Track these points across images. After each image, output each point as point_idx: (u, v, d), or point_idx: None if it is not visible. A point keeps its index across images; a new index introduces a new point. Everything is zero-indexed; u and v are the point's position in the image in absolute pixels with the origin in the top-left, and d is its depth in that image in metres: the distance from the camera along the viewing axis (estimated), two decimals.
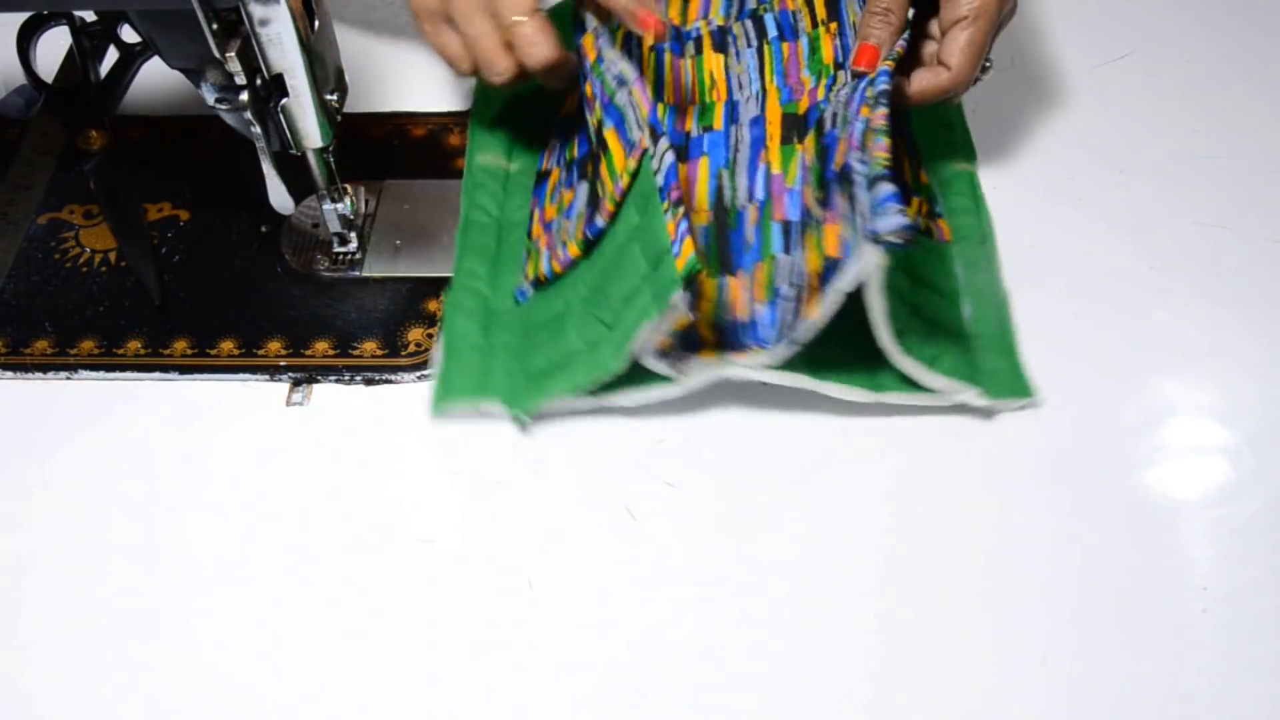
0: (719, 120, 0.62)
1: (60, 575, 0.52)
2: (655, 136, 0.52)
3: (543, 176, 0.64)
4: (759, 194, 0.58)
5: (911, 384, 0.53)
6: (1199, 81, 0.68)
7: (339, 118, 0.56)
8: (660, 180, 0.51)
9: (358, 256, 0.62)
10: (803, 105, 0.61)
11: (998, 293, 0.58)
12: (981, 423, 0.55)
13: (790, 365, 0.52)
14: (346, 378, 0.58)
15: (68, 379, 0.58)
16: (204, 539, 0.53)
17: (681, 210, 0.49)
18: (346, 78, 0.57)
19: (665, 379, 0.53)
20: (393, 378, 0.58)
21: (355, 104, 0.66)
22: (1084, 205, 0.63)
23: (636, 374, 0.53)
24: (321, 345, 0.59)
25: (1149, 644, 0.48)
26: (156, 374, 0.58)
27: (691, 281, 0.48)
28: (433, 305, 0.60)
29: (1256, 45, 0.70)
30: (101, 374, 0.58)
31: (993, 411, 0.55)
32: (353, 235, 0.62)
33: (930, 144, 0.64)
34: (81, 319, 0.60)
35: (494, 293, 0.60)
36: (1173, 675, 0.48)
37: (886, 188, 0.47)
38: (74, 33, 0.69)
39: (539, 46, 0.55)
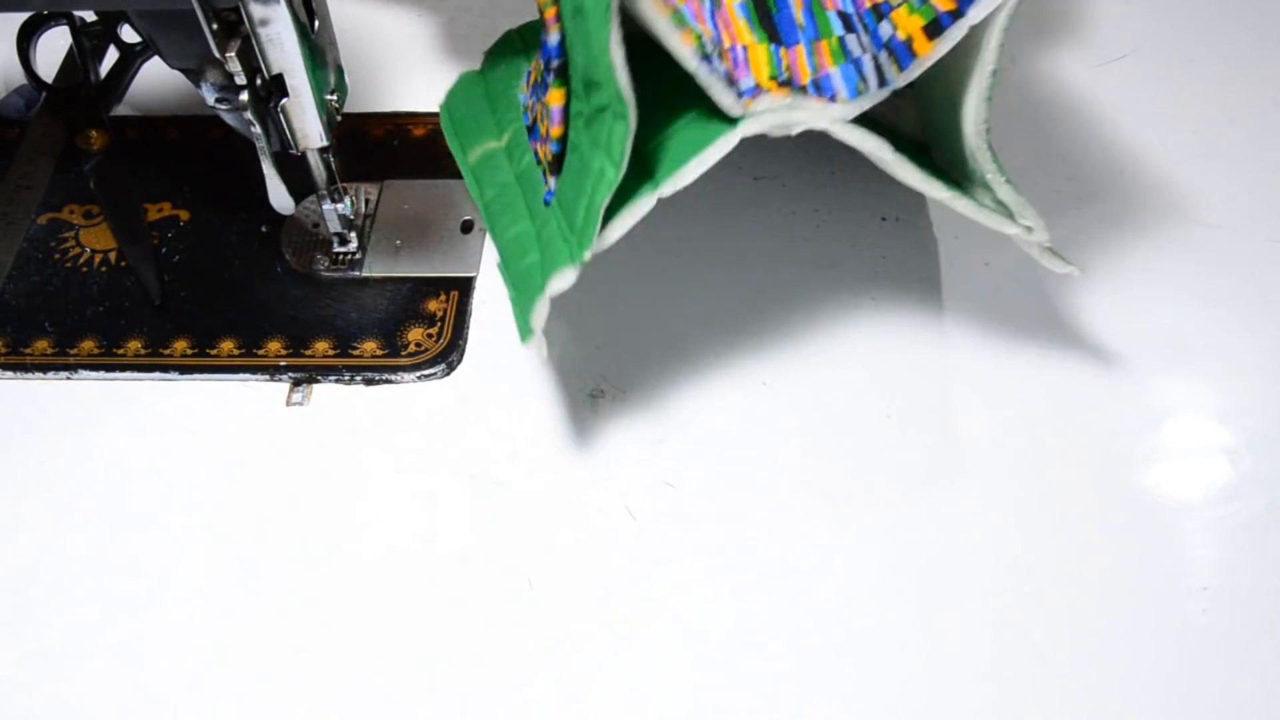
0: None
1: (60, 575, 0.52)
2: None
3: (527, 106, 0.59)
4: None
5: (981, 200, 0.50)
6: (1199, 81, 0.68)
7: (339, 118, 0.56)
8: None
9: (358, 256, 0.62)
10: None
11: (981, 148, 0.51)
12: (982, 423, 0.55)
13: (875, 128, 0.47)
14: (346, 378, 0.58)
15: (68, 379, 0.58)
16: (204, 539, 0.53)
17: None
18: (346, 78, 0.57)
19: (724, 125, 0.46)
20: (393, 378, 0.58)
21: (355, 104, 0.66)
22: (1084, 205, 0.63)
23: (687, 142, 0.47)
24: (321, 345, 0.59)
25: (1149, 644, 0.48)
26: (156, 374, 0.58)
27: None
28: (433, 305, 0.60)
29: (1256, 45, 0.70)
30: (101, 374, 0.58)
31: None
32: (353, 235, 0.62)
33: None
34: (81, 319, 0.60)
35: (539, 233, 0.54)
36: (1173, 675, 0.48)
37: None
38: (74, 33, 0.69)
39: None
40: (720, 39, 0.48)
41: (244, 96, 0.51)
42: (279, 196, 0.56)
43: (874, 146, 0.48)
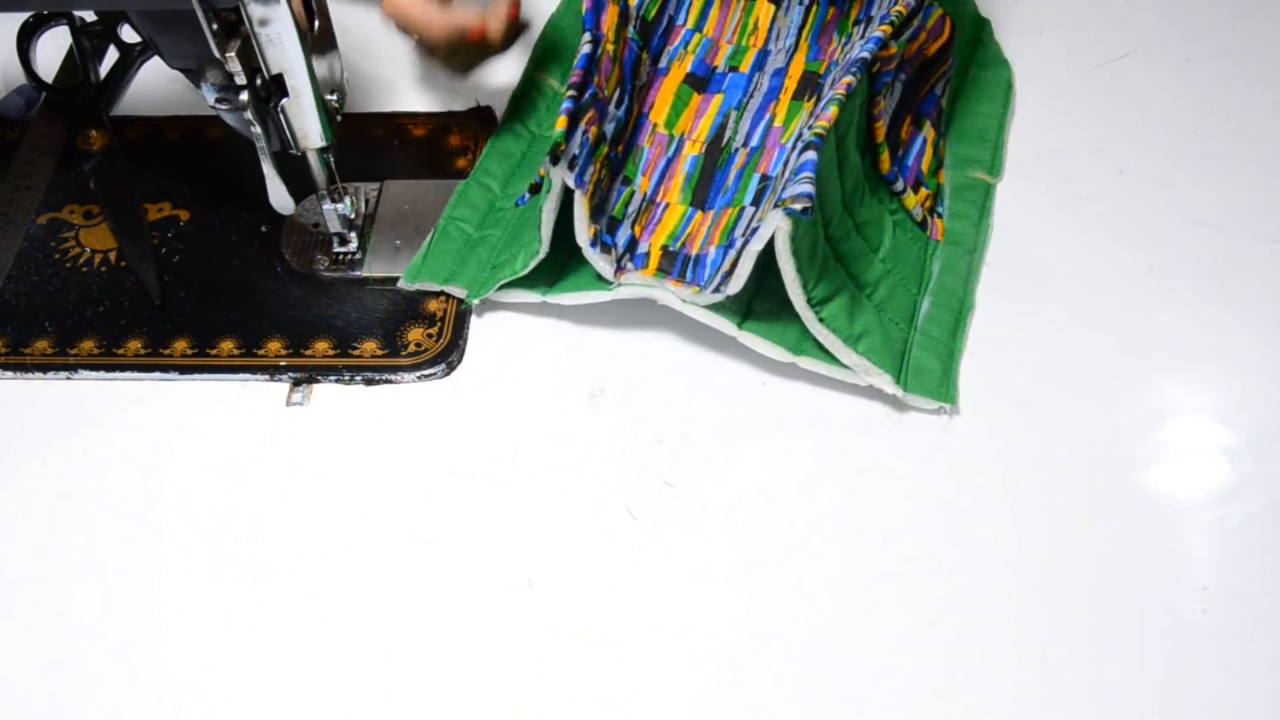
0: (746, 65, 0.65)
1: (60, 575, 0.52)
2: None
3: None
4: (754, 141, 0.61)
5: (830, 356, 0.55)
6: (1199, 81, 0.68)
7: (339, 118, 0.56)
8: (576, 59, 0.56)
9: (358, 256, 0.62)
10: (823, 66, 0.63)
11: (964, 302, 0.59)
12: (982, 422, 0.55)
13: (718, 309, 0.54)
14: (346, 378, 0.58)
15: (68, 379, 0.58)
16: (204, 539, 0.53)
17: (571, 93, 0.54)
18: (346, 78, 0.57)
19: (603, 284, 0.56)
20: (393, 378, 0.58)
21: (355, 104, 0.66)
22: (1084, 205, 0.63)
23: (580, 278, 0.57)
24: (321, 345, 0.59)
25: (1149, 644, 0.48)
26: (156, 374, 0.58)
27: (557, 157, 0.52)
28: (433, 305, 0.60)
29: (1256, 45, 0.70)
30: (101, 374, 0.58)
31: (904, 405, 0.55)
32: (353, 235, 0.62)
33: (960, 148, 0.65)
34: (81, 319, 0.60)
35: (502, 194, 0.64)
36: (1173, 675, 0.48)
37: (808, 155, 0.51)
38: (74, 33, 0.69)
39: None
40: (655, 195, 0.60)
41: (244, 96, 0.51)
42: (279, 196, 0.56)
43: (714, 322, 0.55)
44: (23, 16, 0.69)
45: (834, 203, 0.56)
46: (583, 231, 0.54)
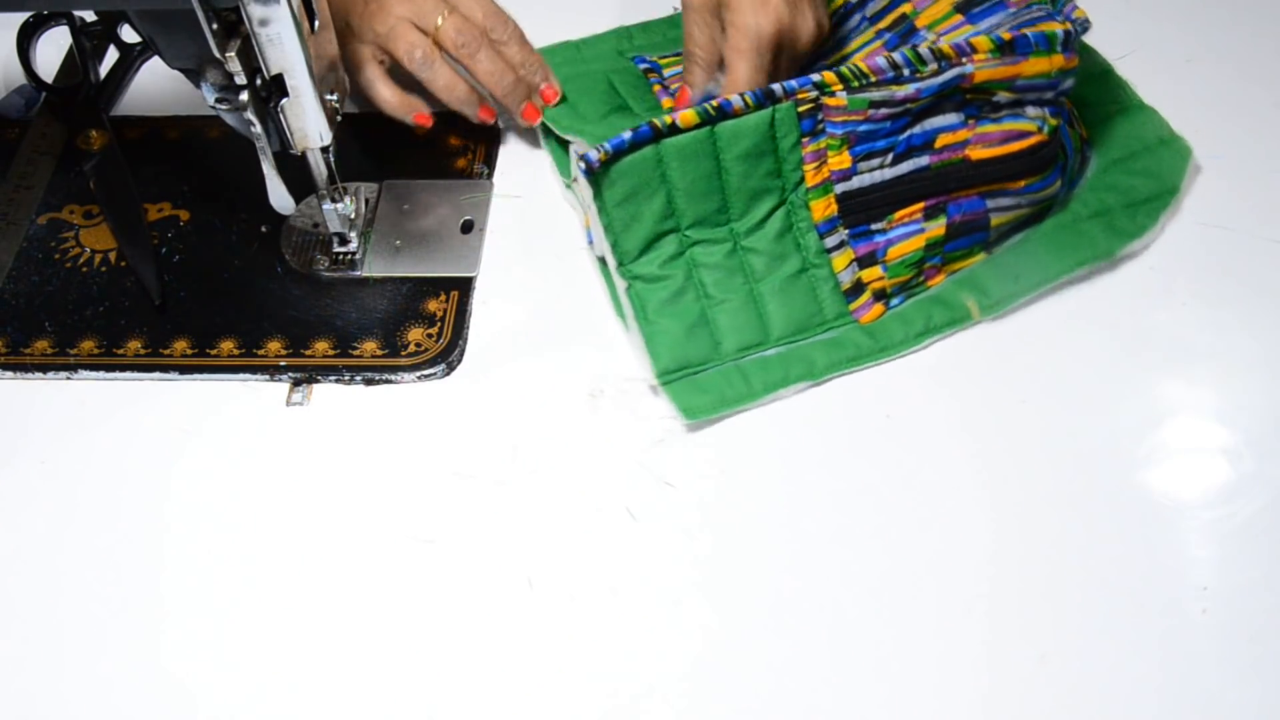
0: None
1: (60, 575, 0.52)
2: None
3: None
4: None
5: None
6: (1199, 81, 0.68)
7: (339, 118, 0.56)
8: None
9: (358, 256, 0.62)
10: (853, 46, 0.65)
11: (794, 376, 0.56)
12: (983, 422, 0.55)
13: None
14: (346, 378, 0.58)
15: (68, 379, 0.58)
16: (204, 539, 0.53)
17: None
18: (346, 78, 0.57)
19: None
20: (393, 378, 0.58)
21: (355, 104, 0.66)
22: None
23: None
24: (321, 345, 0.59)
25: (1149, 644, 0.48)
26: (156, 374, 0.58)
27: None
28: (433, 305, 0.60)
29: (1256, 45, 0.70)
30: (101, 374, 0.58)
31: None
32: (353, 235, 0.62)
33: (980, 273, 0.59)
34: (81, 319, 0.60)
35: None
36: (1173, 675, 0.48)
37: (628, 132, 0.54)
38: (74, 33, 0.69)
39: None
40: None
41: (244, 96, 0.51)
42: (279, 196, 0.56)
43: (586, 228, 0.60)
44: (23, 16, 0.69)
45: (697, 202, 0.56)
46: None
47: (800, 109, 0.56)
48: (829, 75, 0.55)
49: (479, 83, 0.63)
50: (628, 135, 0.54)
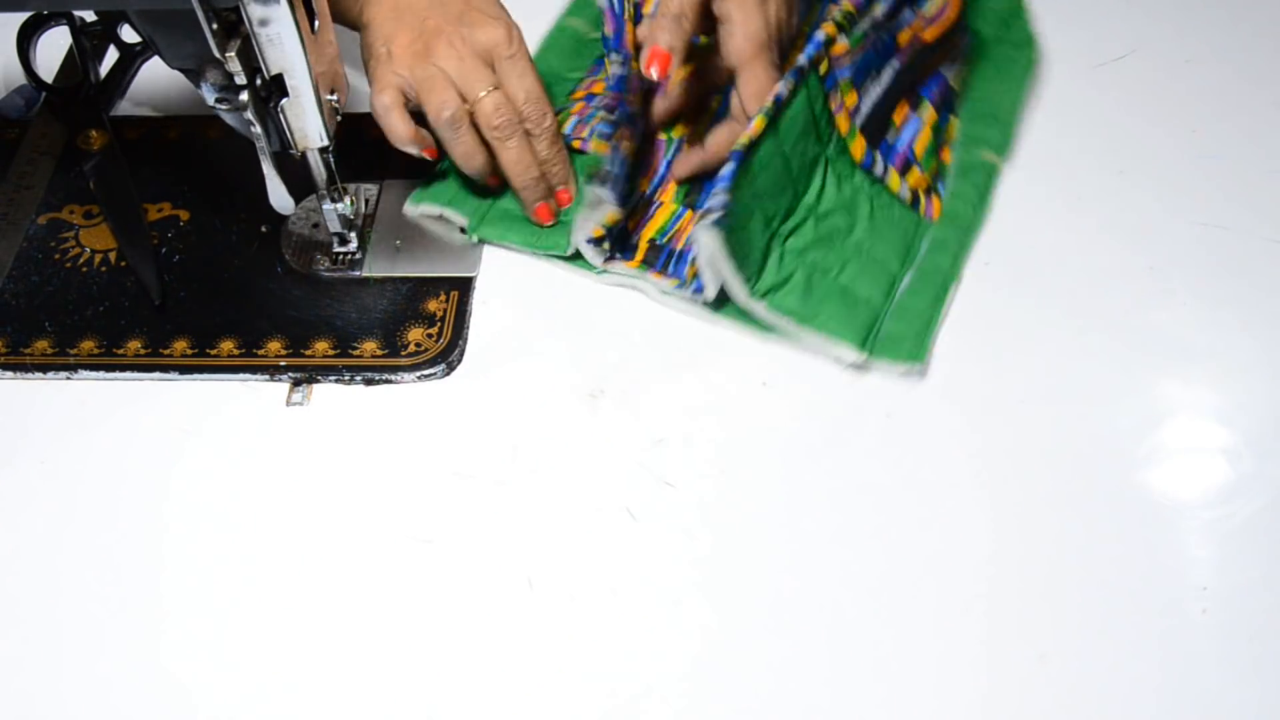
0: None
1: (60, 575, 0.52)
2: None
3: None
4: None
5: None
6: (1199, 81, 0.68)
7: (339, 118, 0.56)
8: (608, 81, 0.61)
9: (358, 256, 0.62)
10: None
11: (949, 274, 0.60)
12: (983, 421, 0.55)
13: (693, 300, 0.59)
14: (346, 378, 0.58)
15: (68, 379, 0.58)
16: (204, 539, 0.53)
17: (601, 115, 0.60)
18: (347, 78, 0.57)
19: (590, 267, 0.61)
20: (393, 378, 0.58)
21: (355, 104, 0.66)
22: (1084, 205, 0.63)
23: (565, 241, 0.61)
24: (321, 345, 0.59)
25: (1149, 644, 0.48)
26: (156, 374, 0.58)
27: (602, 179, 0.57)
28: (433, 305, 0.60)
29: (1256, 45, 0.70)
30: (101, 374, 0.58)
31: (866, 368, 0.57)
32: (353, 235, 0.62)
33: (972, 128, 0.66)
34: (81, 319, 0.60)
35: None
36: (1173, 675, 0.48)
37: (726, 168, 0.55)
38: (74, 33, 0.69)
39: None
40: (652, 193, 0.63)
41: (244, 96, 0.51)
42: (279, 196, 0.56)
43: (696, 312, 0.59)
44: (23, 16, 0.69)
45: (780, 199, 0.59)
46: (588, 231, 0.59)
47: (821, 71, 0.58)
48: (829, 28, 0.59)
49: (500, 165, 0.61)
50: (728, 171, 0.55)
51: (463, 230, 0.62)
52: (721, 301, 0.58)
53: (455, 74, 0.60)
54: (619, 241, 0.60)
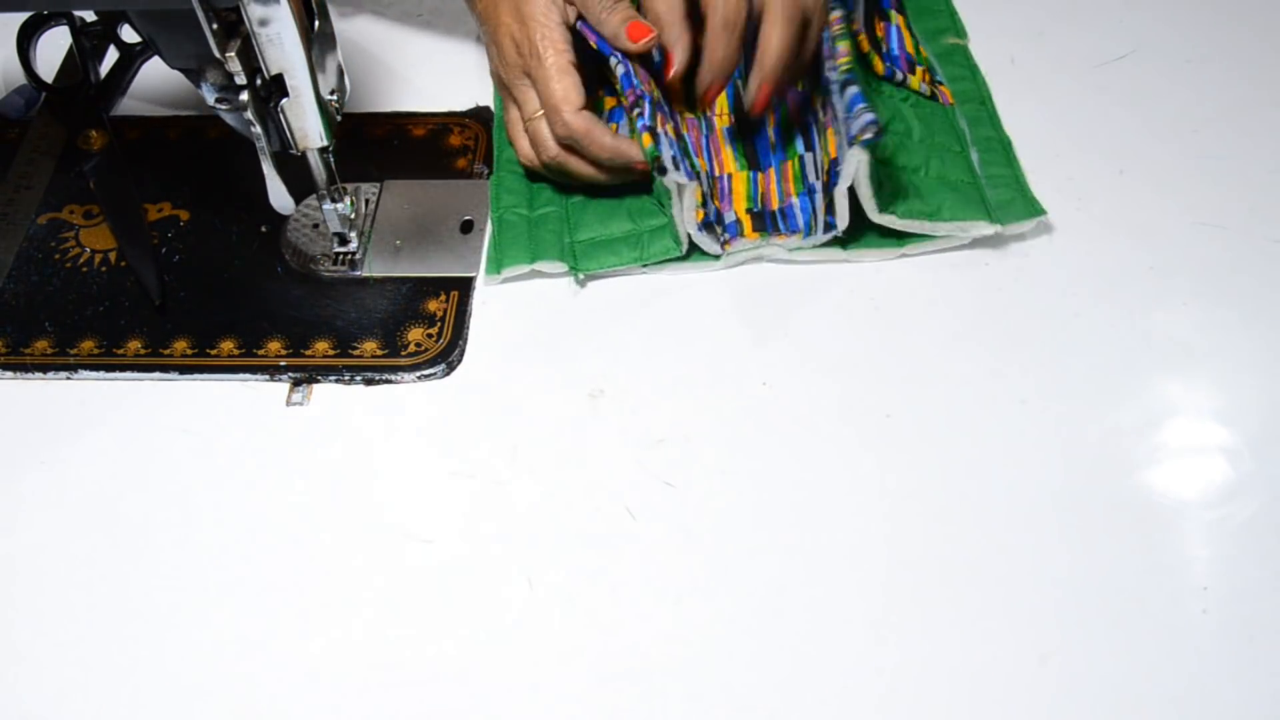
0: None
1: (60, 575, 0.52)
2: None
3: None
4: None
5: (927, 235, 0.61)
6: (1199, 81, 0.68)
7: (339, 118, 0.56)
8: (619, 84, 0.60)
9: (358, 256, 0.62)
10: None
11: (1002, 138, 0.65)
12: (983, 422, 0.55)
13: (824, 244, 0.61)
14: (346, 378, 0.58)
15: (68, 379, 0.58)
16: (204, 539, 0.53)
17: (637, 111, 0.59)
18: (346, 78, 0.57)
19: (709, 257, 0.61)
20: (393, 378, 0.58)
21: (355, 104, 0.67)
22: (1084, 205, 0.63)
23: (667, 245, 0.61)
24: (321, 345, 0.59)
25: (1149, 644, 0.48)
26: (156, 374, 0.58)
27: (662, 168, 0.57)
28: (433, 305, 0.60)
29: (1256, 45, 0.70)
30: (101, 374, 0.58)
31: (1004, 237, 0.61)
32: (353, 235, 0.62)
33: (922, 24, 0.72)
34: (81, 319, 0.60)
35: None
36: (1173, 675, 0.48)
37: (851, 91, 0.58)
38: (74, 33, 0.69)
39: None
40: (713, 169, 0.64)
41: (244, 96, 0.51)
42: (279, 196, 0.56)
43: (829, 256, 0.61)
44: (23, 16, 0.69)
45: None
46: (691, 219, 0.59)
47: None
48: (843, 45, 0.61)
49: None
50: (857, 93, 0.58)
51: (575, 276, 0.61)
52: (842, 240, 0.60)
53: None
54: (719, 223, 0.61)
